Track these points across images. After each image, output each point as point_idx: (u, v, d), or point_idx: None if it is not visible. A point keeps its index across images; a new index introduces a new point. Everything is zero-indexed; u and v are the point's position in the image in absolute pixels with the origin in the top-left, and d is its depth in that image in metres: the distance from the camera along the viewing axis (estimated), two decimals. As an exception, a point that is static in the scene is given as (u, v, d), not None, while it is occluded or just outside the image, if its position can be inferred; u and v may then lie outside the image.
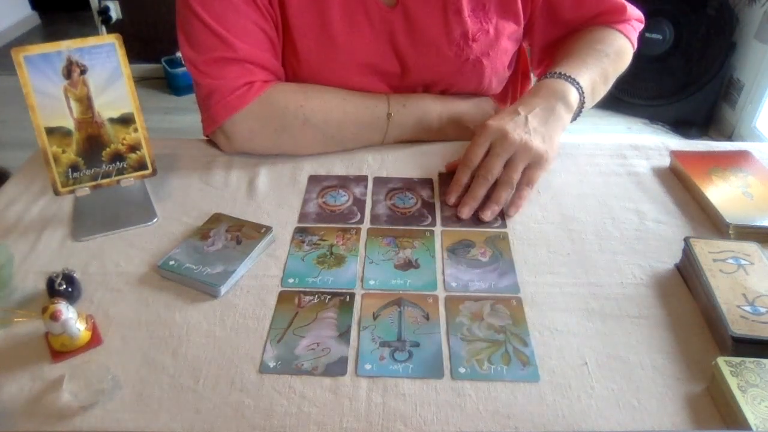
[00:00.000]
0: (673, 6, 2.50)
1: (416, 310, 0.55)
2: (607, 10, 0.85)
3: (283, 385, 0.48)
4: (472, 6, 0.77)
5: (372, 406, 0.47)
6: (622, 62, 0.86)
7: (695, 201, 0.70)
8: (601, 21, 0.86)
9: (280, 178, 0.75)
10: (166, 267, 0.59)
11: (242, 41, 0.73)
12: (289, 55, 0.79)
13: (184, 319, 0.54)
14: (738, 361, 0.47)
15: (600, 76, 0.80)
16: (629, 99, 2.72)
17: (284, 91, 0.77)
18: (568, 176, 0.76)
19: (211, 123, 0.76)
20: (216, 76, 0.73)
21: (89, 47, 0.62)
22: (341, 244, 0.64)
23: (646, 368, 0.50)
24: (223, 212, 0.67)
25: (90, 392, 0.47)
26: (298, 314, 0.55)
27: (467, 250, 0.63)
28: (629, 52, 0.88)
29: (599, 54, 0.81)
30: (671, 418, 0.46)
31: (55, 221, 0.67)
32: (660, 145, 0.82)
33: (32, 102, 0.61)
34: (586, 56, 0.80)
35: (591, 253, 0.63)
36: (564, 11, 0.84)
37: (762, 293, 0.53)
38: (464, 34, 0.77)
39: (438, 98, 0.82)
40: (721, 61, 2.50)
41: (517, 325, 0.54)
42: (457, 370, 0.49)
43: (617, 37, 0.85)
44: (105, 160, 0.66)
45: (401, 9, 0.76)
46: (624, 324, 0.54)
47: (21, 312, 0.55)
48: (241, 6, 0.72)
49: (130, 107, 0.66)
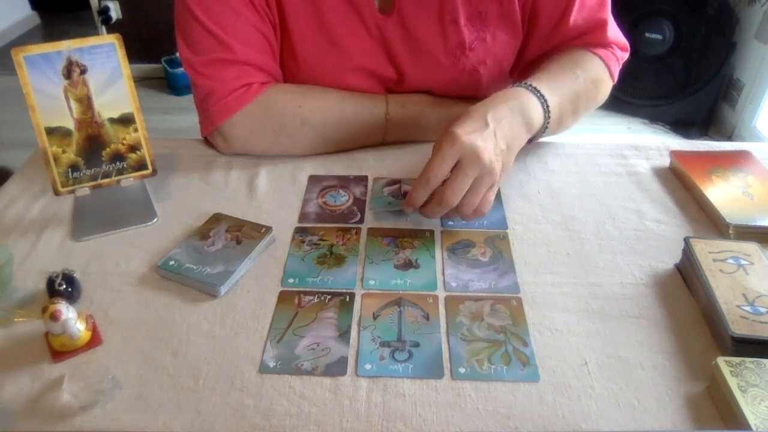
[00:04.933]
0: (673, 6, 2.50)
1: (416, 310, 0.55)
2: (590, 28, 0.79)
3: (283, 385, 0.48)
4: (469, 15, 0.76)
5: (372, 406, 0.47)
6: (596, 93, 0.79)
7: (695, 201, 0.70)
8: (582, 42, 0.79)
9: (280, 178, 0.75)
10: (166, 267, 0.59)
11: (240, 43, 0.73)
12: (287, 57, 0.79)
13: (184, 319, 0.54)
14: (738, 361, 0.47)
15: (570, 102, 0.74)
16: (629, 99, 2.72)
17: (282, 92, 0.77)
18: (568, 176, 0.76)
19: (209, 124, 0.76)
20: (214, 77, 0.73)
21: (89, 47, 0.62)
22: (341, 244, 0.64)
23: (646, 368, 0.50)
24: (223, 212, 0.67)
25: (90, 392, 0.47)
26: (298, 314, 0.55)
27: (467, 250, 0.63)
28: (606, 84, 0.81)
29: (576, 77, 0.75)
30: (671, 418, 0.46)
31: (55, 221, 0.67)
32: (660, 145, 0.82)
33: (32, 102, 0.61)
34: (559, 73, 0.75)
35: (591, 253, 0.63)
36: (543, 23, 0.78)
37: (762, 293, 0.53)
38: (460, 44, 0.77)
39: (437, 99, 0.82)
40: (721, 61, 2.49)
41: (517, 325, 0.54)
42: (457, 370, 0.49)
43: (596, 65, 0.78)
44: (105, 160, 0.66)
45: (397, 17, 0.75)
46: (624, 324, 0.54)
47: (21, 312, 0.55)
48: (239, 8, 0.72)
49: (130, 107, 0.66)
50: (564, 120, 0.76)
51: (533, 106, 0.67)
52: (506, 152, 0.64)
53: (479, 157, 0.60)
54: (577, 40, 0.79)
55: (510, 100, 0.66)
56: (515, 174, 0.76)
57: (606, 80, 0.81)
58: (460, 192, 0.61)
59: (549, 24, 0.78)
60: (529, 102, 0.67)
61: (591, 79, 0.77)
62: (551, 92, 0.70)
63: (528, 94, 0.68)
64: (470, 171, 0.60)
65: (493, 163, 0.61)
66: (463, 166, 0.60)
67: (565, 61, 0.77)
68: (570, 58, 0.78)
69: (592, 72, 0.78)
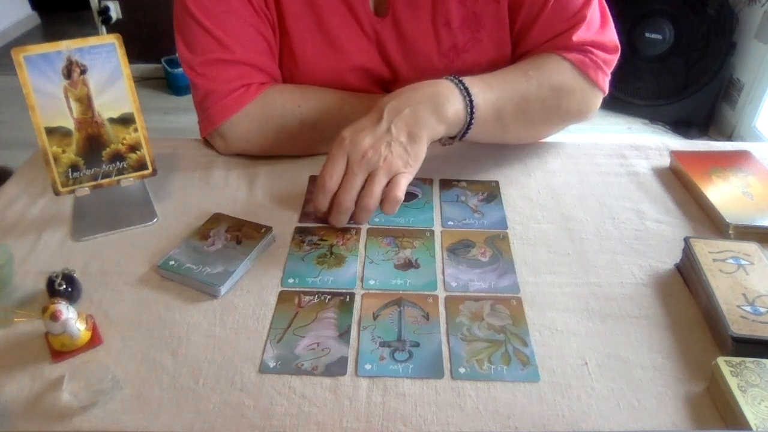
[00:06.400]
0: (673, 6, 2.50)
1: (416, 310, 0.55)
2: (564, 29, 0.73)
3: (283, 385, 0.48)
4: (463, 16, 0.76)
5: (372, 406, 0.47)
6: (557, 100, 0.73)
7: (695, 201, 0.70)
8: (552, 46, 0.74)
9: (280, 178, 0.75)
10: (166, 267, 0.59)
11: (239, 43, 0.73)
12: (286, 57, 0.79)
13: (184, 319, 0.54)
14: (738, 361, 0.47)
15: (514, 103, 0.70)
16: (629, 99, 2.72)
17: (281, 93, 0.77)
18: (568, 176, 0.76)
19: (208, 125, 0.76)
20: (212, 77, 0.73)
21: (89, 47, 0.62)
22: (341, 244, 0.64)
23: (646, 368, 0.50)
24: (223, 212, 0.67)
25: (90, 392, 0.47)
26: (298, 314, 0.55)
27: (467, 250, 0.63)
28: (577, 93, 0.74)
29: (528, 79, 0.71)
30: (671, 418, 0.46)
31: (55, 221, 0.67)
32: (660, 145, 0.82)
33: (32, 102, 0.61)
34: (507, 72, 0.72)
35: (591, 253, 0.63)
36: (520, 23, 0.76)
37: (762, 293, 0.53)
38: (454, 46, 0.77)
39: None
40: (721, 61, 2.50)
41: (517, 325, 0.54)
42: (457, 370, 0.49)
43: (562, 70, 0.73)
44: (105, 160, 0.66)
45: (391, 19, 0.75)
46: (624, 324, 0.54)
47: (21, 312, 0.55)
48: (238, 8, 0.72)
49: (130, 107, 0.66)
50: (506, 121, 0.72)
51: (450, 98, 0.65)
52: (409, 141, 0.63)
53: (363, 155, 0.61)
54: (548, 43, 0.75)
55: (422, 89, 0.66)
56: (515, 174, 0.76)
57: (578, 89, 0.74)
58: (351, 191, 0.61)
59: (522, 24, 0.76)
60: (446, 92, 0.66)
61: (549, 83, 0.72)
62: (485, 89, 0.68)
63: (448, 86, 0.67)
64: (356, 169, 0.61)
65: (381, 157, 0.61)
66: (350, 165, 0.61)
67: (522, 63, 0.74)
68: (530, 60, 0.74)
69: (554, 76, 0.73)
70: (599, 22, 0.76)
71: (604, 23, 0.76)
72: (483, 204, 0.70)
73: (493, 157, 0.79)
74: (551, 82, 0.73)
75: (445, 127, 0.66)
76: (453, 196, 0.72)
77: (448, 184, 0.74)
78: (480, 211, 0.69)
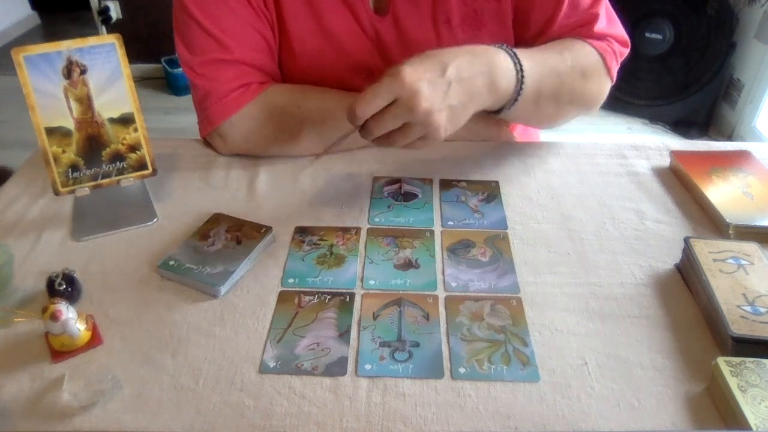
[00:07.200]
0: (673, 6, 2.50)
1: (416, 310, 0.55)
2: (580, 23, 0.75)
3: (283, 385, 0.48)
4: (464, 15, 0.76)
5: (372, 406, 0.47)
6: (582, 84, 0.74)
7: (695, 201, 0.70)
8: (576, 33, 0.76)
9: (280, 178, 0.75)
10: (166, 267, 0.59)
11: (238, 43, 0.73)
12: (285, 57, 0.79)
13: (184, 319, 0.54)
14: (738, 361, 0.47)
15: (551, 80, 0.70)
16: (629, 99, 2.72)
17: (281, 92, 0.77)
18: (568, 176, 0.76)
19: (208, 125, 0.76)
20: (212, 77, 0.73)
21: (89, 47, 0.62)
22: (341, 244, 0.64)
23: (646, 368, 0.50)
24: (223, 212, 0.67)
25: (90, 392, 0.47)
26: (298, 314, 0.55)
27: (467, 250, 0.63)
28: (597, 80, 0.76)
29: (564, 59, 0.71)
30: (671, 418, 0.46)
31: (55, 221, 0.67)
32: (660, 145, 0.82)
33: (32, 102, 0.61)
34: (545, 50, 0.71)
35: (591, 253, 0.63)
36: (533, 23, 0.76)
37: (762, 293, 0.53)
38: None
39: None
40: (721, 61, 2.49)
41: (517, 325, 0.54)
42: (457, 370, 0.49)
43: (589, 53, 0.74)
44: (105, 160, 0.66)
45: (392, 18, 0.75)
46: (624, 324, 0.54)
47: (21, 312, 0.55)
48: (237, 8, 0.72)
49: (130, 107, 0.66)
50: (542, 101, 0.71)
51: (506, 72, 0.64)
52: (458, 109, 0.60)
53: (417, 105, 0.56)
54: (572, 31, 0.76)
55: (481, 55, 0.62)
56: (515, 174, 0.76)
57: (599, 74, 0.76)
58: (382, 128, 0.58)
59: (538, 24, 0.76)
60: (503, 64, 0.64)
61: (579, 65, 0.73)
62: (532, 62, 0.67)
63: (505, 58, 0.64)
64: (401, 114, 0.57)
65: (433, 116, 0.57)
66: (396, 107, 0.57)
67: (554, 44, 0.74)
68: (561, 41, 0.74)
69: (582, 59, 0.73)
70: (608, 19, 0.77)
71: (613, 21, 0.78)
72: (483, 204, 0.70)
73: (493, 157, 0.79)
74: (582, 64, 0.73)
75: (493, 101, 0.65)
76: (453, 196, 0.72)
77: (448, 184, 0.74)
78: (480, 211, 0.69)
